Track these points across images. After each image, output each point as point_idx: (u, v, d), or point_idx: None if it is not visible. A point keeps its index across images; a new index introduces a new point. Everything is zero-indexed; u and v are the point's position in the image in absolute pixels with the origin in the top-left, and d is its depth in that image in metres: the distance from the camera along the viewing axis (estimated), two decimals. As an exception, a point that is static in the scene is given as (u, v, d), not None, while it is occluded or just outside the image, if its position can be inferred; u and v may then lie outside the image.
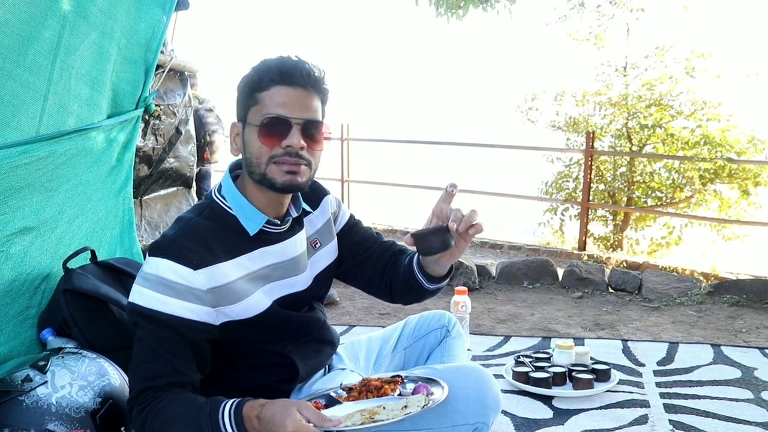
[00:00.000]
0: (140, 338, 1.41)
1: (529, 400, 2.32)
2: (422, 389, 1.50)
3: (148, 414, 1.36)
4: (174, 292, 1.39)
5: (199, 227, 1.47)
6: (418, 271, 1.66)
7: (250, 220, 1.50)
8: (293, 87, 1.44)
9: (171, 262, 1.39)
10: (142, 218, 2.78)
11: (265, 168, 1.45)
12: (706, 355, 2.85)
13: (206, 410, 1.33)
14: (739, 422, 2.14)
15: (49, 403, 1.54)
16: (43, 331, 1.90)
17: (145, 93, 2.61)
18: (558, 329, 3.32)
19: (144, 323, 1.40)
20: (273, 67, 1.44)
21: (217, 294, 1.43)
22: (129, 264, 2.23)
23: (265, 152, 1.44)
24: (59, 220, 2.18)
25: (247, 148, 1.47)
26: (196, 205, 1.57)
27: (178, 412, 1.35)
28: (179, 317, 1.39)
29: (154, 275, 1.40)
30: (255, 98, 1.44)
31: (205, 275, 1.41)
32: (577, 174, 8.98)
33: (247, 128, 1.46)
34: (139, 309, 1.40)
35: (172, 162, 2.98)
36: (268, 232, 1.54)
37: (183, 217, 1.53)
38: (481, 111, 35.84)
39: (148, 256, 1.44)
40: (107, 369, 1.70)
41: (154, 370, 1.39)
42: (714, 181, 8.03)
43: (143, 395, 1.38)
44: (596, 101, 9.28)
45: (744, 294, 3.81)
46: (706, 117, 8.33)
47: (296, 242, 1.61)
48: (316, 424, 1.25)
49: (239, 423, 1.31)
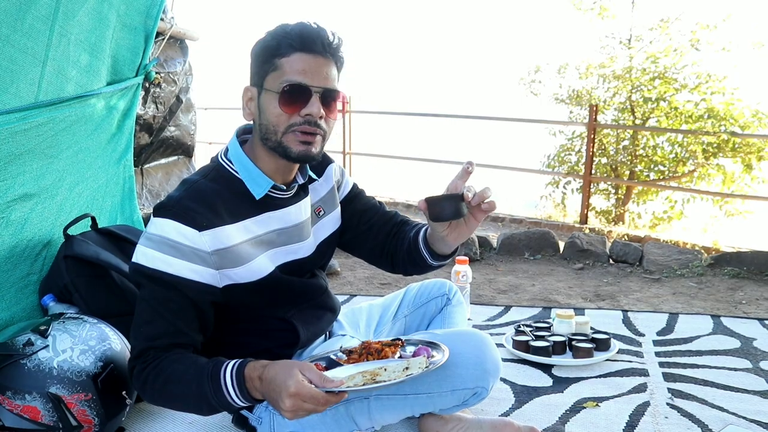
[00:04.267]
0: (143, 298, 1.41)
1: (528, 369, 2.33)
2: (422, 352, 1.51)
3: (150, 373, 1.36)
4: (179, 252, 1.39)
5: (205, 189, 1.46)
6: (424, 247, 1.66)
7: (256, 185, 1.50)
8: (313, 54, 1.43)
9: (176, 223, 1.39)
10: (143, 186, 2.77)
11: (281, 136, 1.44)
12: (706, 325, 2.86)
13: (208, 370, 1.34)
14: (737, 391, 2.15)
15: (50, 367, 1.55)
16: (45, 297, 1.91)
17: (145, 60, 2.59)
18: (558, 300, 3.33)
19: (147, 283, 1.40)
20: (293, 33, 1.42)
21: (221, 256, 1.43)
22: (130, 231, 2.23)
23: (283, 120, 1.43)
24: (60, 187, 2.18)
25: (263, 114, 1.46)
26: (201, 168, 1.56)
27: (179, 371, 1.35)
28: (184, 278, 1.39)
29: (159, 236, 1.39)
30: (274, 64, 1.43)
31: (210, 237, 1.41)
32: (579, 147, 8.95)
33: (264, 94, 1.45)
34: (143, 269, 1.40)
35: (173, 130, 2.96)
36: (273, 197, 1.54)
37: (189, 179, 1.52)
38: (483, 83, 35.58)
39: (153, 217, 1.43)
40: (108, 334, 1.71)
41: (157, 330, 1.39)
42: (717, 155, 8.00)
43: (145, 355, 1.38)
44: (600, 74, 9.22)
45: (745, 266, 3.81)
46: (711, 90, 8.27)
47: (301, 208, 1.61)
48: (318, 385, 1.26)
49: (241, 383, 1.32)
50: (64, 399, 1.54)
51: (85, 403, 1.57)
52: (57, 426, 1.55)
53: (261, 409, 1.64)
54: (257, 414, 1.65)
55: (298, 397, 1.23)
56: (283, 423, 1.62)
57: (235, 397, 1.33)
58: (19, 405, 1.53)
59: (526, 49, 45.15)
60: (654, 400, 2.07)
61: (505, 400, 2.06)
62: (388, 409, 1.59)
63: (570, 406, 2.02)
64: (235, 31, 51.45)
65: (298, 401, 1.23)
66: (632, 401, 2.06)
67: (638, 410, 1.99)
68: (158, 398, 1.40)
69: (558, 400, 2.07)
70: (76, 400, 1.55)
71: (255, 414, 1.66)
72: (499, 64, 42.45)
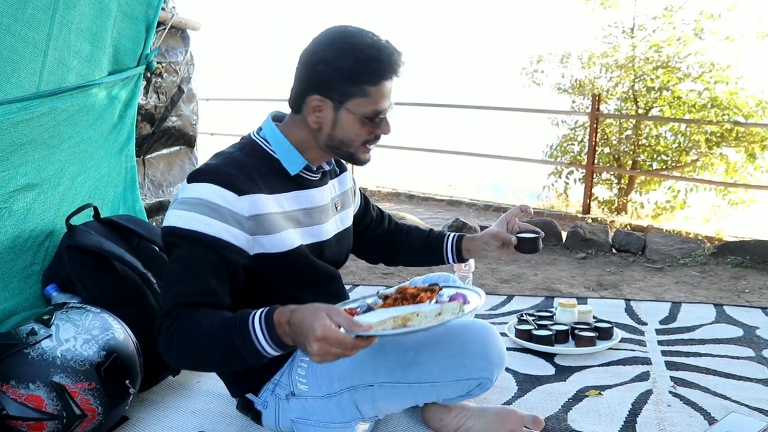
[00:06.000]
0: (177, 259, 1.41)
1: (531, 358, 2.33)
2: (459, 298, 1.53)
3: (177, 328, 1.36)
4: (218, 214, 1.42)
5: (242, 160, 1.52)
6: (452, 252, 1.94)
7: (291, 162, 1.58)
8: (394, 79, 1.53)
9: (216, 186, 1.43)
10: (145, 177, 2.77)
11: (355, 149, 1.56)
12: (709, 314, 2.86)
13: (236, 320, 1.34)
14: (739, 379, 2.15)
15: (54, 356, 1.56)
16: (48, 287, 1.91)
17: (147, 50, 2.59)
18: (561, 289, 3.33)
19: (183, 244, 1.41)
20: (383, 61, 1.49)
21: (257, 222, 1.47)
22: (132, 221, 2.23)
23: (361, 138, 1.54)
24: (62, 177, 2.18)
25: (338, 129, 1.53)
26: (235, 143, 1.62)
27: (206, 324, 1.36)
28: (221, 239, 1.42)
29: (197, 198, 1.42)
30: (362, 90, 1.48)
31: (248, 202, 1.45)
32: (582, 137, 8.91)
33: (345, 113, 1.51)
34: (179, 231, 1.41)
35: (175, 120, 2.96)
36: (303, 177, 1.62)
37: (224, 151, 1.58)
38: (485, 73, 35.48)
39: (188, 184, 1.46)
40: (111, 323, 1.71)
41: (190, 288, 1.40)
42: (720, 145, 7.95)
43: (174, 311, 1.38)
44: (602, 63, 9.15)
45: (748, 255, 3.81)
46: (714, 79, 8.21)
47: (324, 192, 1.70)
48: (347, 329, 1.25)
49: (270, 329, 1.31)
50: (67, 388, 1.55)
51: (88, 392, 1.57)
52: (61, 415, 1.55)
53: (266, 393, 1.66)
54: (263, 398, 1.67)
55: (325, 341, 1.21)
56: (287, 408, 1.64)
57: (265, 344, 1.31)
58: (23, 394, 1.53)
59: (529, 38, 44.94)
60: (656, 389, 2.07)
61: (508, 389, 2.07)
62: (392, 398, 1.60)
63: (573, 394, 2.02)
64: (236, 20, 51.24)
65: (325, 345, 1.22)
66: (635, 390, 2.06)
67: (641, 398, 1.99)
68: (184, 354, 1.38)
69: (561, 389, 2.07)
70: (80, 389, 1.56)
71: (260, 398, 1.67)
72: (501, 54, 42.28)
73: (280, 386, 1.65)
